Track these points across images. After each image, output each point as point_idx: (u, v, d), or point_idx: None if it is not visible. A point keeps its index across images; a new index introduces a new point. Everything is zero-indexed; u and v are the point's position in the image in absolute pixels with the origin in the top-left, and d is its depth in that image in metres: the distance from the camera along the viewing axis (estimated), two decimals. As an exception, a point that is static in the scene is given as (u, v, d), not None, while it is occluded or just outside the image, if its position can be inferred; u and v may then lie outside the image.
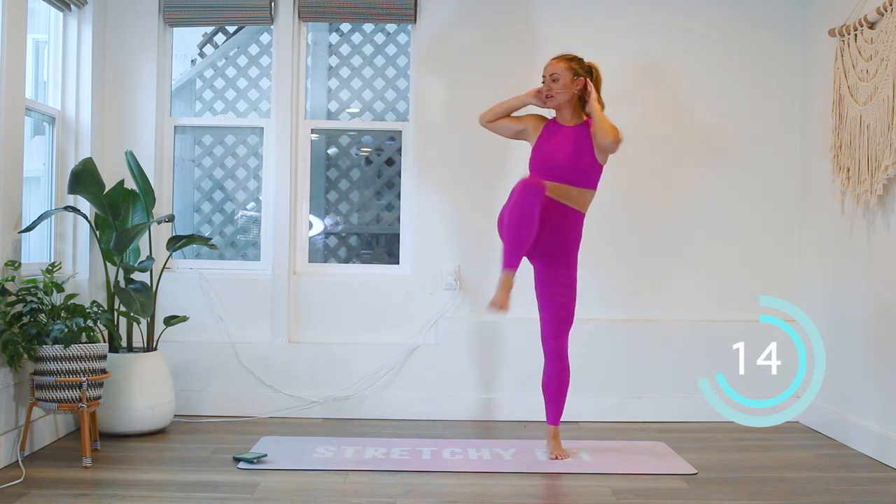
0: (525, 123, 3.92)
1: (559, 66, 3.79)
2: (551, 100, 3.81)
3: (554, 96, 3.79)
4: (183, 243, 4.31)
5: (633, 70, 4.74)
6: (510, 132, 3.96)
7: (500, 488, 3.40)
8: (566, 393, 3.84)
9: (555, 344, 3.81)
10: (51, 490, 3.23)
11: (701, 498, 3.27)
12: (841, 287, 4.26)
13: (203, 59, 5.22)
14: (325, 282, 4.74)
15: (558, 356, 3.81)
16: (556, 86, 3.78)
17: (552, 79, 3.79)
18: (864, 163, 3.92)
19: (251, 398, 4.63)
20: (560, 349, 3.81)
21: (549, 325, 3.81)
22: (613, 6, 4.75)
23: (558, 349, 3.81)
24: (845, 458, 3.89)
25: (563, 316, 3.81)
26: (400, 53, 4.99)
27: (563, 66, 3.78)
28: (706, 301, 4.73)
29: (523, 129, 3.91)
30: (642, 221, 4.74)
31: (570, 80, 3.77)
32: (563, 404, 3.84)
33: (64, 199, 4.32)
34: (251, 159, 4.97)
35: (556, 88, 3.78)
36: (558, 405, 3.84)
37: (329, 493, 3.30)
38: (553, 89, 3.78)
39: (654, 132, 4.74)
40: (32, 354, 3.62)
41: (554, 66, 3.80)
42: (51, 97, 4.39)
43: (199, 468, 3.59)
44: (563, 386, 3.83)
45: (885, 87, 3.73)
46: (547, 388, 3.84)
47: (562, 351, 3.82)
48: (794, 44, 4.76)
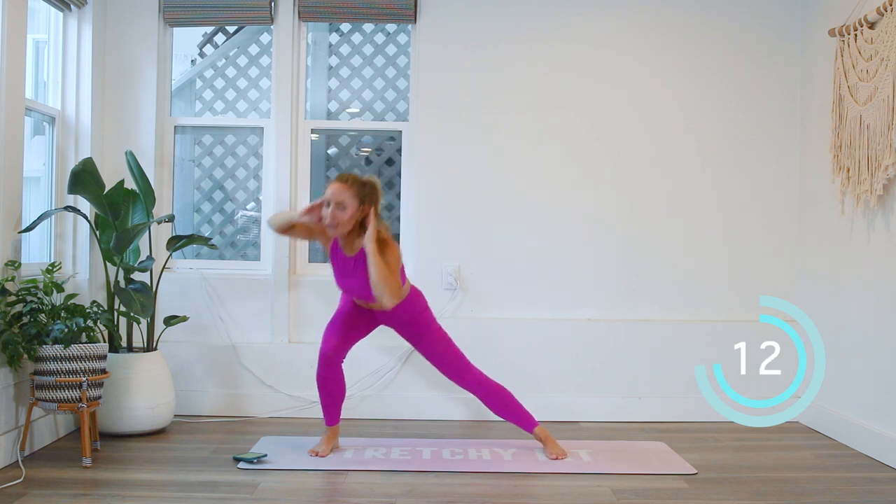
0: (315, 235, 3.80)
1: (345, 195, 3.56)
2: (334, 229, 3.60)
3: (338, 226, 3.59)
4: (183, 243, 4.31)
5: (632, 69, 4.75)
6: (304, 237, 3.91)
7: (500, 488, 3.40)
8: (516, 402, 3.89)
9: (466, 382, 3.87)
10: (51, 490, 3.23)
11: (701, 498, 3.27)
12: (841, 287, 4.26)
13: (203, 59, 5.22)
14: (325, 282, 4.73)
15: (479, 384, 3.86)
16: (343, 215, 3.57)
17: (338, 206, 3.56)
18: (864, 163, 3.92)
19: (251, 398, 4.63)
20: (474, 379, 3.86)
21: (447, 371, 3.88)
22: (613, 5, 4.74)
23: (473, 381, 3.86)
24: (845, 458, 3.89)
25: (450, 358, 3.85)
26: (400, 53, 4.99)
27: (349, 195, 3.56)
28: (706, 301, 4.73)
29: (315, 238, 3.84)
30: (642, 221, 4.74)
31: (355, 208, 3.57)
32: (523, 410, 3.89)
33: (64, 199, 4.32)
34: (251, 159, 4.97)
35: (342, 217, 3.57)
36: (520, 413, 3.89)
37: (329, 493, 3.29)
38: (338, 218, 3.57)
39: (653, 132, 4.75)
40: (32, 354, 3.62)
41: (340, 192, 3.56)
42: (51, 97, 4.39)
43: (199, 468, 3.59)
44: (507, 401, 3.88)
45: (885, 87, 3.73)
46: (499, 411, 3.90)
47: (478, 380, 3.86)
48: (794, 44, 4.76)
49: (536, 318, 4.68)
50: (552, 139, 4.73)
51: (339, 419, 3.88)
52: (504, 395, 3.87)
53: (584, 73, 4.74)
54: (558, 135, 4.73)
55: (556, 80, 4.73)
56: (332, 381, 3.81)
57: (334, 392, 3.83)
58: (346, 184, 3.60)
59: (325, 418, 3.87)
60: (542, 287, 4.70)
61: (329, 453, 3.79)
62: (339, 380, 3.83)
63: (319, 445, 3.82)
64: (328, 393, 3.83)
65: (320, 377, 3.81)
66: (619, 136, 4.75)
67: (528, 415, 3.88)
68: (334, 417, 3.86)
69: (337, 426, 3.87)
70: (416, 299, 3.83)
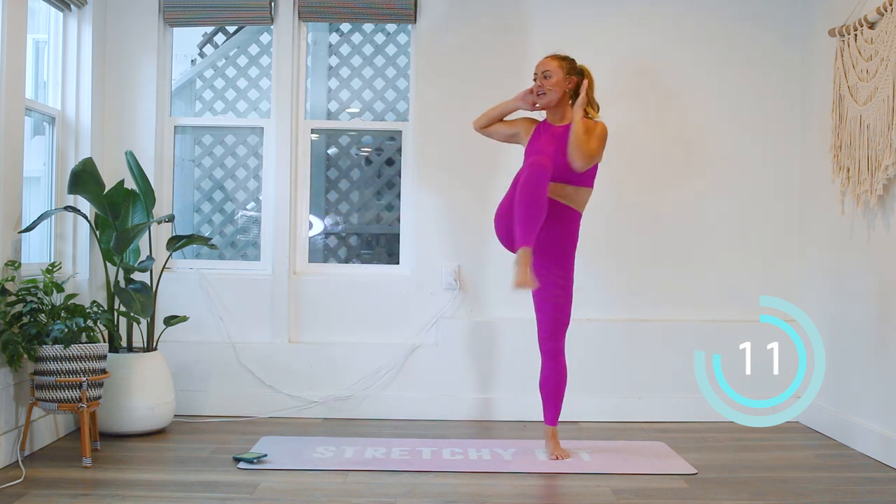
0: (517, 127, 3.93)
1: (552, 64, 3.77)
2: (543, 97, 3.78)
3: (546, 93, 3.77)
4: (183, 243, 4.31)
5: (631, 70, 4.74)
6: (503, 136, 3.98)
7: (500, 488, 3.40)
8: (563, 393, 3.84)
9: (551, 345, 3.80)
10: (51, 490, 3.23)
11: (701, 498, 3.27)
12: (841, 287, 4.26)
13: (203, 59, 5.22)
14: (325, 282, 4.74)
15: (554, 357, 3.81)
16: (548, 83, 3.76)
17: (544, 76, 3.77)
18: (864, 163, 3.92)
19: (251, 398, 4.63)
20: (556, 350, 3.81)
21: (545, 326, 3.81)
22: (612, 6, 4.75)
23: (554, 350, 3.81)
24: (845, 458, 3.89)
25: (560, 316, 3.80)
26: (400, 53, 4.99)
27: (555, 64, 3.77)
28: (706, 301, 4.73)
29: (515, 132, 3.93)
30: (642, 221, 4.74)
31: (562, 77, 3.76)
32: (561, 405, 3.84)
33: (64, 199, 4.32)
34: (251, 159, 4.97)
35: (548, 85, 3.76)
36: (556, 406, 3.83)
37: (329, 493, 3.30)
38: (545, 86, 3.76)
39: (653, 132, 4.75)
40: (32, 354, 3.62)
41: (547, 63, 3.78)
42: (51, 97, 4.39)
43: (199, 468, 3.59)
44: (560, 387, 3.82)
45: (885, 87, 3.73)
46: (544, 388, 3.83)
47: (558, 352, 3.81)
48: (794, 44, 4.76)
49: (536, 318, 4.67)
50: (552, 139, 4.73)
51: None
52: (562, 382, 3.81)
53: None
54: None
55: (556, 80, 4.73)
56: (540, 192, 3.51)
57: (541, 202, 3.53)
58: (552, 56, 3.80)
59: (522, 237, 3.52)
60: (542, 287, 4.70)
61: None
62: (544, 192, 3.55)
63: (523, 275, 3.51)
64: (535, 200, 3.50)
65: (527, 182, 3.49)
66: (618, 136, 4.73)
67: (559, 412, 3.84)
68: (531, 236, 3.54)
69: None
70: (578, 227, 3.78)
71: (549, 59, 3.80)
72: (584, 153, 3.60)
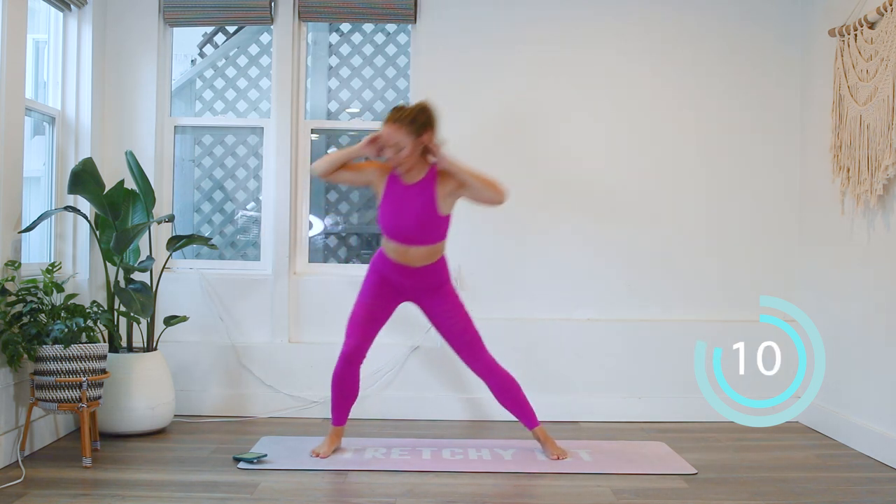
0: (368, 175, 3.75)
1: (399, 135, 3.54)
2: (401, 167, 3.63)
3: (402, 163, 3.61)
4: (183, 243, 4.31)
5: (631, 70, 4.74)
6: (351, 183, 3.91)
7: (500, 488, 3.40)
8: (523, 395, 3.86)
9: (478, 364, 3.83)
10: (51, 490, 3.23)
11: (701, 498, 3.27)
12: (841, 287, 4.26)
13: (203, 59, 5.22)
14: (325, 282, 4.74)
15: (490, 372, 3.83)
16: (402, 155, 3.57)
17: (396, 150, 3.57)
18: (864, 163, 3.92)
19: (251, 398, 4.63)
20: (487, 365, 3.83)
21: (462, 352, 3.84)
22: (612, 6, 4.74)
23: (485, 366, 3.83)
24: (845, 458, 3.89)
25: (468, 338, 3.82)
26: (400, 53, 4.99)
27: (403, 133, 3.54)
28: (706, 301, 4.73)
29: (368, 180, 3.77)
30: (642, 221, 4.74)
31: (412, 143, 3.56)
32: (528, 404, 3.86)
33: (64, 199, 4.32)
34: (251, 159, 4.97)
35: (402, 158, 3.58)
36: (525, 409, 3.86)
37: (329, 493, 3.30)
38: (398, 159, 3.59)
39: (653, 132, 4.75)
40: (32, 354, 3.62)
41: (393, 134, 3.55)
42: (51, 97, 4.39)
43: (199, 468, 3.59)
44: (516, 392, 3.85)
45: (885, 87, 3.73)
46: (504, 402, 3.87)
47: (490, 365, 3.83)
48: (794, 44, 4.76)
49: (536, 318, 4.68)
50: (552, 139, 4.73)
51: (347, 421, 3.87)
52: (513, 386, 3.83)
53: (583, 74, 4.74)
54: (558, 134, 4.73)
55: (556, 81, 4.73)
56: (349, 381, 3.79)
57: (348, 393, 3.81)
58: (398, 124, 3.56)
59: (333, 417, 3.85)
60: (543, 287, 4.70)
61: (331, 454, 3.78)
62: (354, 381, 3.81)
63: (322, 446, 3.81)
64: (341, 393, 3.80)
65: (337, 376, 3.78)
66: (618, 137, 4.75)
67: (533, 412, 3.86)
68: (342, 418, 3.85)
69: (342, 427, 3.86)
70: (446, 264, 3.81)
71: (395, 129, 3.54)
72: (492, 189, 3.63)
